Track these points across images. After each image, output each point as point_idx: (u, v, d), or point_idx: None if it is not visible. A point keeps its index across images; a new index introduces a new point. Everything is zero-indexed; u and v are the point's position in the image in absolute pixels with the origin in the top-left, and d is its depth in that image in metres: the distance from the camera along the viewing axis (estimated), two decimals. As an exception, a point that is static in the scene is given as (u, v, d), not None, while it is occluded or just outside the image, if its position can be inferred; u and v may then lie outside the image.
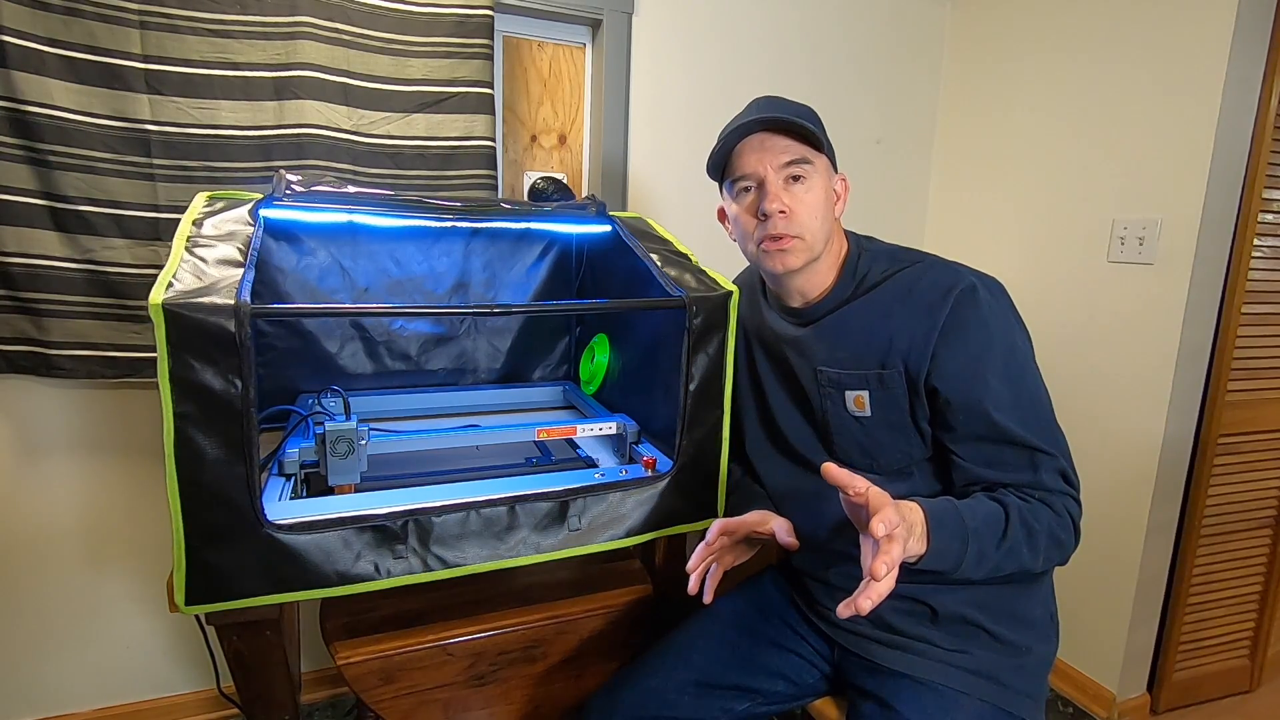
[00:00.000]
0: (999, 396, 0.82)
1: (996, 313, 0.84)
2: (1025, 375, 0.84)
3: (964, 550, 0.75)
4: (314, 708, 1.56)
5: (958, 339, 0.82)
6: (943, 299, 0.83)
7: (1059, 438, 0.84)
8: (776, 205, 0.86)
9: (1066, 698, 1.68)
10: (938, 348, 0.83)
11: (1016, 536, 0.79)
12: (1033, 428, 0.82)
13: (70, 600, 1.39)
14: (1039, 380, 0.86)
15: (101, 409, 1.33)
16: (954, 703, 0.84)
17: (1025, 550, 0.79)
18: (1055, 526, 0.81)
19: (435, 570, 0.84)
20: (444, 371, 1.37)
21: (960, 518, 0.76)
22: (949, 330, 0.82)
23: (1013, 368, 0.83)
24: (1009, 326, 0.85)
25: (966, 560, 0.76)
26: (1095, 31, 1.56)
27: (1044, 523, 0.80)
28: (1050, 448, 0.82)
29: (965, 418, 0.83)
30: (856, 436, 0.91)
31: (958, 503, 0.78)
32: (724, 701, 0.93)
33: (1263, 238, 1.48)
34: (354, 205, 1.02)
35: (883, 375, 0.87)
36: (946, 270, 0.86)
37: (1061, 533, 0.82)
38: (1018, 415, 0.82)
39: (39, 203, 1.17)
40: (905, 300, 0.86)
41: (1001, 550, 0.78)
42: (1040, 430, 0.83)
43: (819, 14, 1.76)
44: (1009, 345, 0.84)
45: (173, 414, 0.70)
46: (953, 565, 0.76)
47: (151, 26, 1.19)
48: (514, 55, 1.59)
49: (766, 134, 0.88)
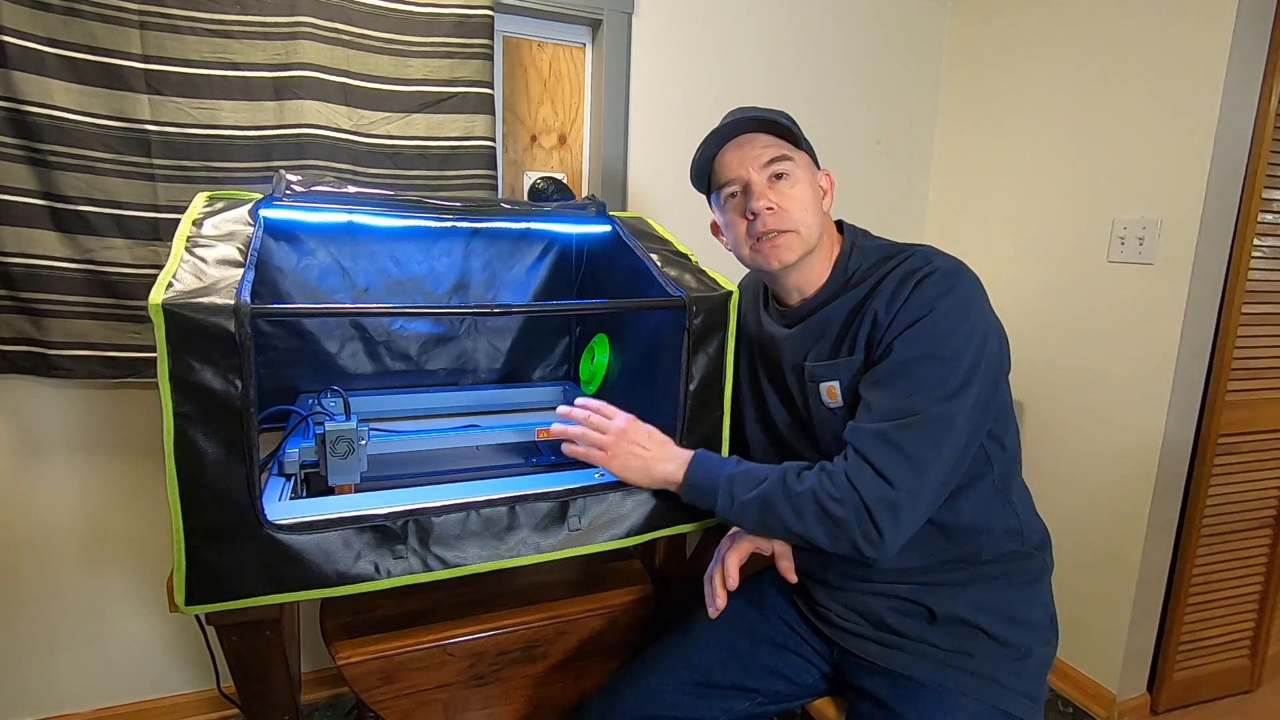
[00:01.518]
0: (892, 359, 0.81)
1: (956, 297, 0.81)
2: (940, 354, 0.79)
3: (715, 489, 0.87)
4: (314, 708, 1.56)
5: (903, 313, 0.81)
6: (904, 282, 0.83)
7: (923, 421, 0.77)
8: (764, 203, 0.87)
9: (1066, 698, 1.68)
10: (889, 325, 0.82)
11: (772, 490, 0.83)
12: (891, 400, 0.79)
13: (70, 600, 1.39)
14: (956, 362, 0.79)
15: (101, 409, 1.33)
16: (953, 703, 0.84)
17: (785, 508, 0.82)
18: (826, 499, 0.79)
19: (435, 570, 0.84)
20: (444, 371, 1.37)
21: (723, 465, 0.89)
22: (902, 309, 0.81)
23: (932, 342, 0.79)
24: (958, 312, 0.80)
25: (720, 501, 0.87)
26: (1095, 32, 1.56)
27: (807, 486, 0.80)
28: (892, 429, 0.78)
29: (864, 378, 0.84)
30: (835, 429, 0.89)
31: (741, 460, 0.90)
32: (724, 701, 0.93)
33: (1263, 238, 1.48)
34: (354, 205, 1.02)
35: (850, 362, 0.87)
36: (921, 258, 0.85)
37: (836, 508, 0.78)
38: (890, 377, 0.80)
39: (39, 203, 1.17)
40: (876, 289, 0.86)
41: (756, 500, 0.84)
42: (897, 405, 0.78)
43: (819, 15, 1.76)
44: (943, 327, 0.79)
45: (173, 414, 0.70)
46: (709, 503, 0.88)
47: (151, 26, 1.19)
48: (514, 55, 1.59)
49: (744, 136, 0.89)
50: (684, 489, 0.91)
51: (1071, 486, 1.65)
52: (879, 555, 0.79)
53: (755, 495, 0.84)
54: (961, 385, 0.78)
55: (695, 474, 0.90)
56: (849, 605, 0.92)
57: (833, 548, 0.81)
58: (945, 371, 0.78)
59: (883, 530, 0.78)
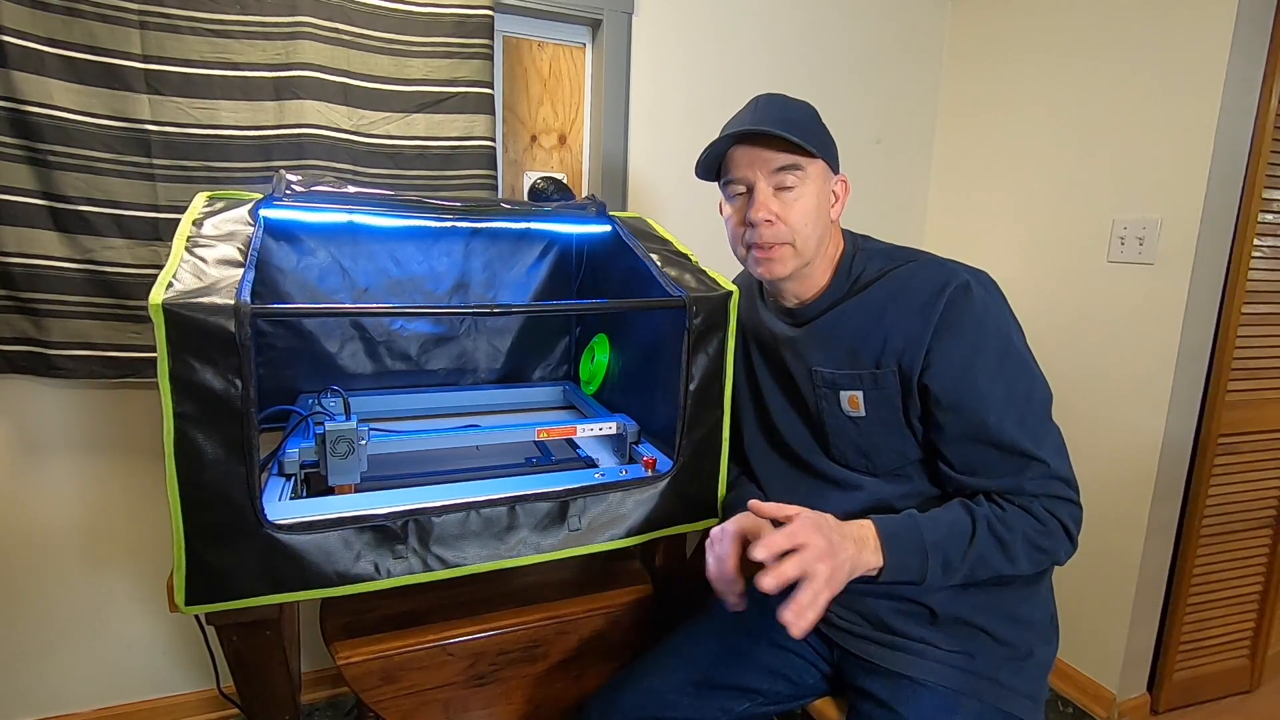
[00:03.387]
0: (988, 396, 0.81)
1: (991, 309, 0.83)
2: (1019, 375, 0.83)
3: (924, 564, 0.78)
4: (314, 708, 1.56)
5: (951, 337, 0.82)
6: (936, 297, 0.83)
7: (1050, 439, 0.83)
8: (763, 214, 0.86)
9: (1066, 698, 1.68)
10: (931, 346, 0.82)
11: (985, 546, 0.80)
12: (1021, 430, 0.81)
13: (70, 600, 1.39)
14: (1033, 379, 0.84)
15: (101, 409, 1.33)
16: (953, 703, 0.84)
17: (998, 558, 0.80)
18: (1035, 534, 0.80)
19: (435, 570, 0.84)
20: (444, 371, 1.37)
21: (919, 532, 0.79)
22: (942, 329, 0.82)
23: (1006, 367, 0.82)
24: (1003, 323, 0.84)
25: (930, 572, 0.79)
26: (1095, 31, 1.56)
27: (1018, 531, 0.80)
28: (1039, 451, 0.81)
29: (955, 417, 0.83)
30: (852, 437, 0.91)
31: (919, 516, 0.81)
32: (724, 701, 0.93)
33: (1263, 238, 1.48)
34: (354, 205, 1.02)
35: (877, 375, 0.86)
36: (940, 268, 0.86)
37: (1044, 539, 0.81)
38: (1006, 416, 0.81)
39: (39, 203, 1.17)
40: (899, 299, 0.86)
41: (969, 561, 0.80)
42: (1029, 432, 0.81)
43: (819, 14, 1.76)
44: (1003, 344, 0.83)
45: (173, 414, 0.70)
46: (917, 578, 0.79)
47: (151, 26, 1.19)
48: (514, 55, 1.59)
49: (763, 138, 0.88)
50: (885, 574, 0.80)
51: (1071, 486, 1.65)
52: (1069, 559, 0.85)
53: (971, 558, 0.80)
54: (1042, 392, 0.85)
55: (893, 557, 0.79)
56: (849, 606, 0.92)
57: (1033, 570, 0.84)
58: (1031, 388, 0.84)
59: (1076, 540, 0.84)
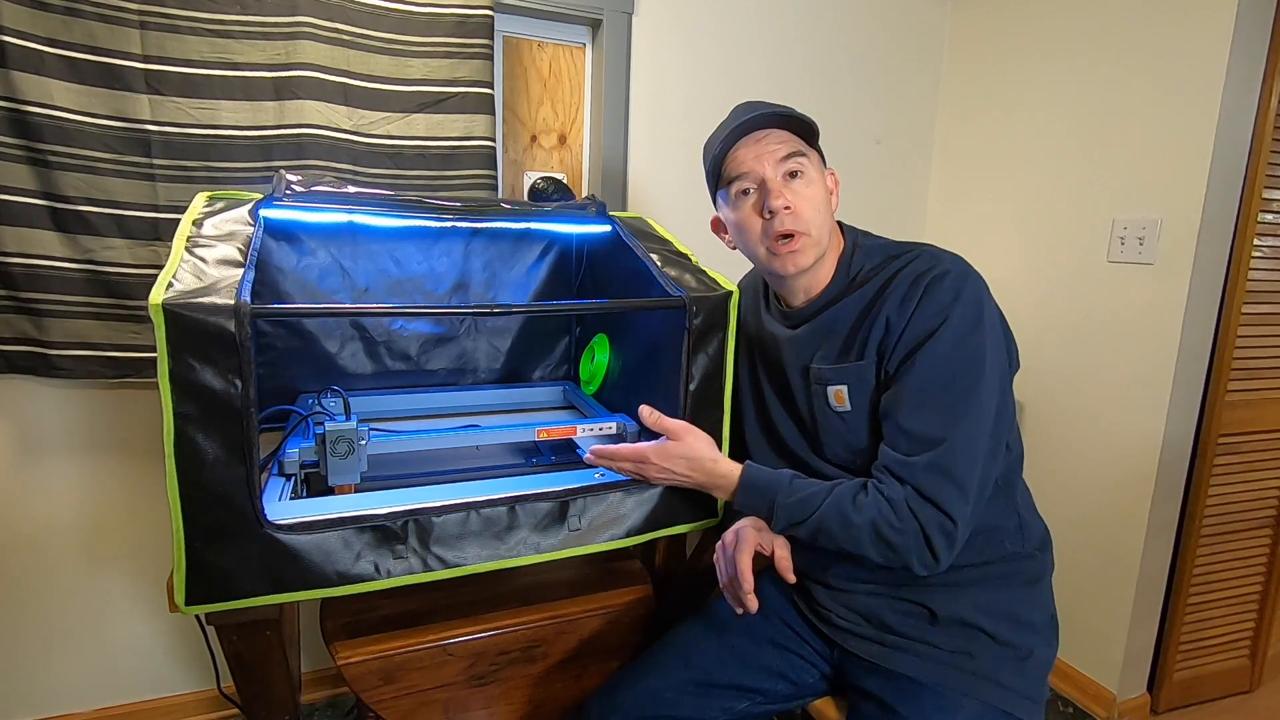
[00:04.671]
0: (918, 377, 0.81)
1: (965, 302, 0.81)
2: (963, 369, 0.80)
3: (771, 516, 0.87)
4: (314, 708, 1.56)
5: (917, 320, 0.82)
6: (915, 285, 0.83)
7: (964, 438, 0.79)
8: (782, 201, 0.86)
9: (1066, 698, 1.68)
10: (902, 332, 0.82)
11: (827, 520, 0.83)
12: (933, 418, 0.80)
13: (70, 600, 1.39)
14: (978, 378, 0.80)
15: (101, 409, 1.33)
16: (954, 703, 0.84)
17: (842, 536, 0.82)
18: (885, 526, 0.80)
19: (435, 570, 0.84)
20: (444, 371, 1.37)
21: (774, 493, 0.87)
22: (915, 315, 0.82)
23: (953, 357, 0.80)
24: (972, 319, 0.81)
25: (777, 525, 0.87)
26: (1095, 31, 1.56)
27: (867, 516, 0.81)
28: (940, 443, 0.79)
29: (889, 396, 0.84)
30: (841, 433, 0.90)
31: (787, 477, 0.88)
32: (724, 701, 0.93)
33: (1263, 238, 1.48)
34: (354, 205, 1.02)
35: (861, 367, 0.86)
36: (928, 258, 0.85)
37: (893, 534, 0.80)
38: (927, 401, 0.80)
39: (39, 203, 1.17)
40: (885, 291, 0.85)
41: (809, 526, 0.84)
42: (940, 424, 0.79)
43: (819, 14, 1.76)
44: (959, 335, 0.80)
45: (173, 414, 0.70)
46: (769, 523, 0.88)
47: (151, 26, 1.19)
48: (514, 55, 1.59)
49: (759, 131, 0.88)
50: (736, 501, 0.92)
51: (1071, 487, 1.65)
52: (930, 574, 0.83)
53: (811, 524, 0.84)
54: (986, 398, 0.81)
55: (745, 498, 0.90)
56: (850, 606, 0.92)
57: (884, 564, 0.83)
58: (972, 387, 0.80)
59: (939, 555, 0.80)
